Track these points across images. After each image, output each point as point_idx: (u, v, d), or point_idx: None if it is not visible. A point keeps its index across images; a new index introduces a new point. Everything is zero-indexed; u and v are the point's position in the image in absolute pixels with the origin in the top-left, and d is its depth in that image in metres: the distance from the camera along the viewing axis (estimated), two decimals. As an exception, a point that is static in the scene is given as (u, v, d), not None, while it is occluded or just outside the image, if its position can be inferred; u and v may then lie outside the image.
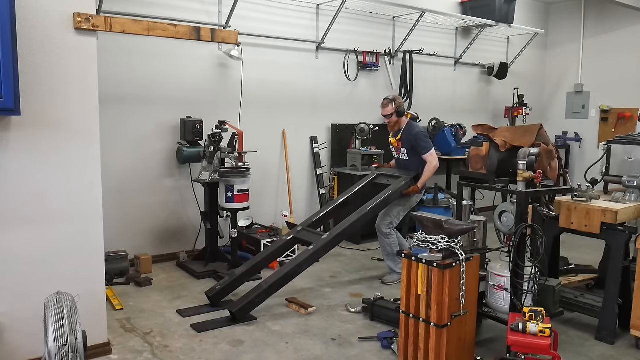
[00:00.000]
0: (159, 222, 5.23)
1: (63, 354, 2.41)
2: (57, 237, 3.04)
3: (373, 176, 4.91)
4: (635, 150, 4.00)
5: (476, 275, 3.17)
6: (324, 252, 4.19)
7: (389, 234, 4.71)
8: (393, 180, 4.70)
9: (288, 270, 3.97)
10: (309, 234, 4.39)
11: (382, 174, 4.91)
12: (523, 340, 2.85)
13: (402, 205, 4.69)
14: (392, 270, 4.80)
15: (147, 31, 3.22)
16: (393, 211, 4.69)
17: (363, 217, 4.32)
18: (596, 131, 8.38)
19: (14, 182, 2.89)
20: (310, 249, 4.08)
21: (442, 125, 6.85)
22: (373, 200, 4.44)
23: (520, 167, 3.34)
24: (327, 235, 4.19)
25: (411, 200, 4.73)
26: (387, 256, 4.81)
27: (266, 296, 3.91)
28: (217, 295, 4.11)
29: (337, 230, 4.20)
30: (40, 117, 2.92)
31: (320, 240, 4.13)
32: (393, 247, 4.73)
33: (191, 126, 5.03)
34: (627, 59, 7.98)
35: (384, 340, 3.50)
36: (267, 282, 3.93)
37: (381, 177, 4.90)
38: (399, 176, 4.69)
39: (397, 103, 4.66)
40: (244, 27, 5.31)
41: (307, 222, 4.56)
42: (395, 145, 4.82)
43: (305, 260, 4.03)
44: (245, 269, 4.23)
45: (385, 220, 4.70)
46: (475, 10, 7.19)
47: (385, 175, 4.87)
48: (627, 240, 3.53)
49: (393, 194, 4.49)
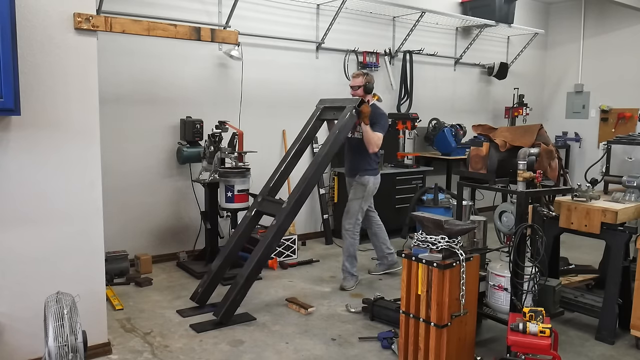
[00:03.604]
0: (159, 222, 5.23)
1: (63, 354, 2.41)
2: (57, 237, 3.04)
3: (318, 112, 4.49)
4: (635, 150, 4.00)
5: (476, 275, 3.17)
6: (288, 223, 3.93)
7: (355, 232, 4.55)
8: (339, 113, 4.27)
9: (260, 256, 3.81)
10: (270, 204, 4.15)
11: (326, 106, 4.49)
12: (523, 340, 2.85)
13: (359, 198, 4.55)
14: (349, 274, 4.61)
15: (147, 31, 3.22)
16: (353, 206, 4.56)
17: (318, 170, 4.05)
18: (596, 131, 8.38)
19: (14, 182, 2.89)
20: (273, 225, 3.87)
21: (442, 125, 6.86)
22: (323, 147, 4.10)
23: (520, 167, 3.35)
24: (286, 203, 3.92)
25: (368, 188, 4.55)
26: (347, 257, 4.59)
27: (245, 290, 3.81)
28: (202, 297, 4.06)
29: (295, 194, 3.92)
30: (40, 117, 2.91)
31: (282, 211, 3.88)
32: (355, 248, 4.59)
33: (191, 126, 5.03)
34: (627, 59, 7.98)
35: (384, 340, 3.50)
36: (243, 275, 3.79)
37: (326, 111, 4.49)
38: (342, 106, 4.27)
39: (368, 79, 4.51)
40: (244, 27, 5.31)
41: (266, 188, 4.30)
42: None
43: (272, 238, 3.84)
44: (220, 262, 4.11)
45: (350, 218, 4.56)
46: (475, 10, 7.19)
47: (330, 108, 4.46)
48: (627, 240, 3.53)
49: (343, 130, 4.11)
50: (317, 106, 4.59)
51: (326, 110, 4.51)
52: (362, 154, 4.54)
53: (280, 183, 4.41)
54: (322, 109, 4.52)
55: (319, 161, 4.06)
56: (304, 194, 3.96)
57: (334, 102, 4.48)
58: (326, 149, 4.09)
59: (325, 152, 4.08)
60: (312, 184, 4.02)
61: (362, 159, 4.57)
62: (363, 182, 4.56)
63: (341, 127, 4.16)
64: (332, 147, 4.10)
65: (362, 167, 4.58)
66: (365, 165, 4.58)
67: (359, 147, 4.54)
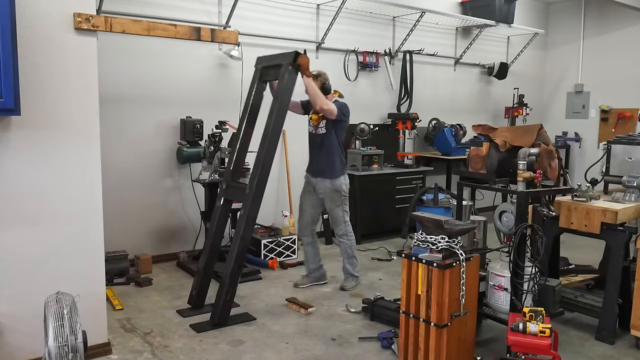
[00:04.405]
0: (159, 222, 5.23)
1: (63, 354, 2.41)
2: (57, 237, 3.04)
3: (258, 74, 4.09)
4: (635, 150, 4.00)
5: (476, 275, 3.17)
6: (256, 209, 3.73)
7: (348, 233, 4.47)
8: (277, 71, 3.88)
9: (237, 251, 3.68)
10: (235, 190, 3.96)
11: (264, 66, 4.07)
12: (523, 340, 2.85)
13: (338, 205, 4.39)
14: (350, 275, 4.57)
15: (147, 31, 3.22)
16: (337, 214, 4.43)
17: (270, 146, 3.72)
18: (596, 131, 8.38)
19: (14, 182, 2.89)
20: (242, 215, 3.72)
21: (442, 125, 6.87)
22: (269, 118, 3.77)
23: (520, 167, 3.34)
24: (248, 188, 3.72)
25: (342, 193, 4.36)
26: (347, 259, 4.53)
27: (233, 288, 3.74)
28: (198, 299, 4.04)
29: (255, 177, 3.69)
30: (40, 117, 2.92)
31: (246, 198, 3.70)
32: (353, 249, 4.54)
33: (191, 126, 5.03)
34: (627, 59, 7.98)
35: (384, 340, 3.50)
36: (227, 274, 3.71)
37: (266, 71, 4.07)
38: (279, 64, 3.86)
39: (323, 79, 4.25)
40: (244, 27, 5.31)
41: (228, 173, 4.10)
42: (315, 122, 4.35)
43: (244, 230, 3.68)
44: (205, 260, 4.05)
45: (338, 225, 4.46)
46: (475, 10, 7.19)
47: (269, 67, 4.04)
48: (627, 240, 3.53)
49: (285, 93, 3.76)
50: (255, 66, 4.16)
51: (266, 70, 4.06)
52: (327, 152, 4.31)
53: (241, 163, 4.17)
54: (261, 69, 4.09)
55: (268, 136, 3.72)
56: (262, 174, 3.70)
57: (271, 59, 3.99)
58: (273, 119, 3.72)
59: (273, 124, 3.72)
60: (267, 162, 3.73)
61: (328, 157, 4.32)
62: (337, 188, 4.35)
63: (282, 90, 3.76)
64: (278, 116, 3.74)
65: (329, 168, 4.33)
66: (332, 165, 4.33)
67: (322, 144, 4.31)
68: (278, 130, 3.79)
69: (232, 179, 4.07)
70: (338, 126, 4.35)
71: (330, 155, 4.33)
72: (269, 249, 5.26)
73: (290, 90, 3.81)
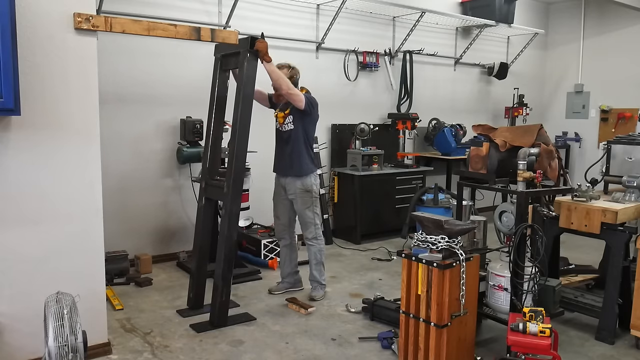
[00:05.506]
0: (159, 222, 5.23)
1: (63, 354, 2.41)
2: (57, 237, 3.04)
3: (219, 64, 3.98)
4: (635, 150, 4.00)
5: (476, 275, 3.17)
6: (237, 206, 3.67)
7: (318, 236, 4.27)
8: (236, 59, 3.76)
9: (225, 251, 3.64)
10: (214, 189, 3.89)
11: (224, 54, 3.91)
12: (523, 340, 2.85)
13: (309, 205, 4.21)
14: (318, 283, 4.32)
15: (147, 31, 3.22)
16: (307, 215, 4.22)
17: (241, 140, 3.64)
18: (596, 131, 8.38)
19: (14, 182, 2.89)
20: (224, 216, 3.68)
21: (442, 125, 6.87)
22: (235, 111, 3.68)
23: (520, 167, 3.35)
24: (226, 187, 3.66)
25: (313, 193, 4.20)
26: (315, 265, 4.28)
27: (228, 288, 3.71)
28: (196, 299, 4.03)
29: (230, 174, 3.63)
30: (40, 117, 2.91)
31: (225, 197, 3.66)
32: (323, 254, 4.31)
33: (191, 126, 5.03)
34: (627, 59, 7.98)
35: (384, 340, 3.50)
36: (218, 276, 3.68)
37: (226, 59, 3.93)
38: (237, 51, 3.71)
39: (293, 72, 4.11)
40: (244, 27, 5.30)
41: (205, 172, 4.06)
42: (280, 120, 4.19)
43: (228, 229, 3.63)
44: (196, 261, 4.04)
45: (308, 228, 4.24)
46: (475, 10, 7.19)
47: (227, 56, 3.89)
48: (627, 240, 3.53)
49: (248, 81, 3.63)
50: (214, 55, 4.03)
51: (226, 58, 3.91)
52: (295, 149, 4.13)
53: (217, 159, 4.09)
54: (221, 58, 3.96)
55: (237, 131, 3.64)
56: (238, 171, 3.63)
57: (229, 46, 3.78)
58: (239, 112, 3.62)
59: (240, 117, 3.63)
60: (241, 157, 3.66)
61: (295, 154, 4.13)
62: (307, 188, 4.16)
63: (244, 78, 3.62)
64: (244, 108, 3.63)
65: (297, 166, 4.13)
66: (299, 163, 4.13)
67: (289, 140, 4.13)
68: (246, 123, 3.67)
69: (210, 177, 3.99)
70: (306, 120, 4.15)
71: (298, 152, 4.13)
72: (269, 249, 5.26)
73: (252, 78, 3.66)
